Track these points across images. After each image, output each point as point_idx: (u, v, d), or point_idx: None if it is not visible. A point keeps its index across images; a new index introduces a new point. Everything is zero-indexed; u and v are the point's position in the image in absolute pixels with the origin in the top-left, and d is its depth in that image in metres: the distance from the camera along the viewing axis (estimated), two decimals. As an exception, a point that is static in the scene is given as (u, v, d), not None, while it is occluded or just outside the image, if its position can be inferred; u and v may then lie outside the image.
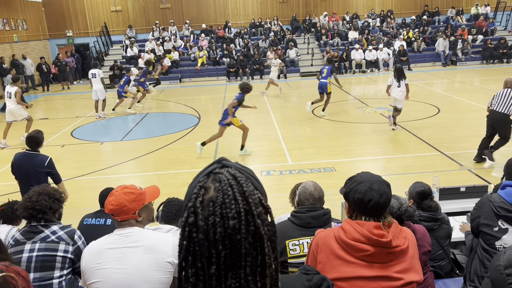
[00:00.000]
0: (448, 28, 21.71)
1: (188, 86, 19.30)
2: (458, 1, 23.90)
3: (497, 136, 7.15)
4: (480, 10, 23.01)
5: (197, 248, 0.89)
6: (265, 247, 0.89)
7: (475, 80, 16.59)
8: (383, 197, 1.83)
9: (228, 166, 0.98)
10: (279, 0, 23.75)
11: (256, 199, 0.92)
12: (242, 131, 8.55)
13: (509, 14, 23.15)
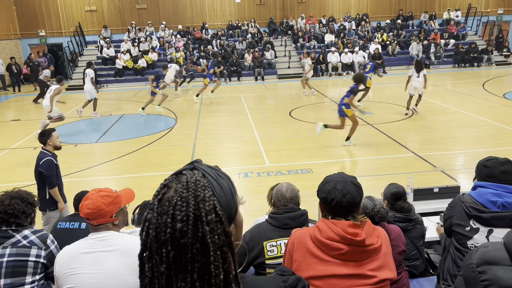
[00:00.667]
0: (421, 32, 22.24)
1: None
2: (431, 6, 24.51)
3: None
4: (452, 15, 23.67)
5: (152, 244, 0.90)
6: (210, 255, 0.87)
7: (447, 83, 17.03)
8: (346, 197, 1.86)
9: (197, 169, 0.97)
10: (256, 2, 23.83)
11: (210, 205, 0.90)
12: (351, 123, 8.78)
13: (479, 20, 23.89)
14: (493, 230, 2.42)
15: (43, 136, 4.99)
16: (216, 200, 0.93)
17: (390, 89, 15.81)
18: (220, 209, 0.92)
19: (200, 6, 23.72)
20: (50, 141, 4.98)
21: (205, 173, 0.97)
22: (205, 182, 0.94)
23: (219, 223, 0.90)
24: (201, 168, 0.98)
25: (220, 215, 0.91)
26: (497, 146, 8.34)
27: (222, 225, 0.91)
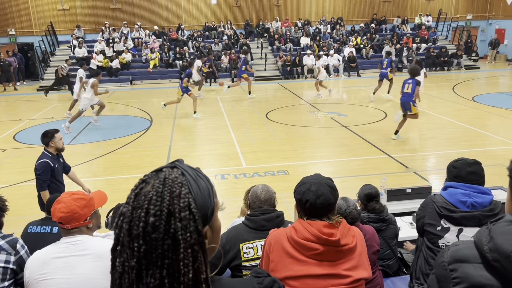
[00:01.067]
0: (394, 36, 22.72)
1: (140, 89, 18.88)
2: (403, 11, 25.08)
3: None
4: (423, 20, 24.29)
5: (124, 238, 0.90)
6: (180, 252, 0.88)
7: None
8: (320, 198, 1.88)
9: (177, 167, 0.98)
10: (233, 4, 23.84)
11: (184, 202, 0.91)
12: (411, 118, 9.19)
13: (449, 25, 24.61)
14: (463, 229, 2.49)
15: (45, 137, 4.84)
16: (192, 198, 0.93)
17: (364, 92, 16.08)
18: (195, 207, 0.93)
19: (176, 7, 23.54)
20: (52, 143, 4.84)
21: (185, 172, 0.98)
22: (183, 180, 0.95)
23: (192, 221, 0.91)
24: (181, 167, 0.99)
25: (194, 213, 0.92)
26: (467, 147, 8.60)
27: (195, 223, 0.91)
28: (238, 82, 16.09)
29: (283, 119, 11.78)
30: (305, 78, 20.40)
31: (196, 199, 0.94)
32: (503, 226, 1.17)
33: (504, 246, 1.12)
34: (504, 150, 8.41)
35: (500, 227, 1.17)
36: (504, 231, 1.15)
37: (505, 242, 1.12)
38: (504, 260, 1.11)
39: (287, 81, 20.05)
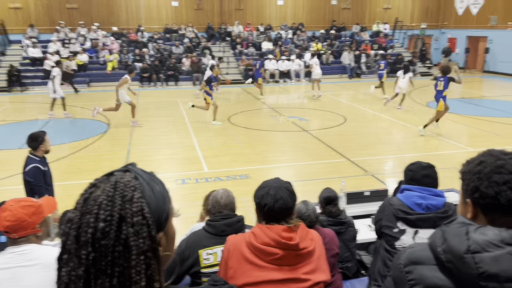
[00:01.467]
0: (353, 43, 23.33)
1: (97, 91, 18.33)
2: (362, 19, 25.81)
3: None
4: (381, 27, 25.11)
5: (72, 245, 0.85)
6: (132, 259, 0.84)
7: (376, 91, 17.96)
8: (278, 202, 1.89)
9: (130, 171, 0.94)
10: (194, 7, 23.66)
11: (137, 207, 0.87)
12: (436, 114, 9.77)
13: (405, 33, 25.55)
14: (419, 231, 2.56)
15: (35, 140, 4.54)
16: (145, 203, 0.89)
17: (324, 97, 16.37)
18: (148, 212, 0.88)
19: (135, 8, 23.07)
20: (42, 146, 4.57)
21: (138, 176, 0.93)
22: (136, 183, 0.91)
23: (145, 226, 0.86)
24: (134, 170, 0.95)
25: (148, 218, 0.87)
26: (422, 151, 8.92)
27: (149, 228, 0.87)
28: (258, 84, 16.43)
29: (245, 123, 11.78)
30: (267, 82, 20.52)
31: (150, 204, 0.90)
32: (455, 228, 1.20)
33: (457, 247, 1.14)
34: (456, 153, 8.78)
35: (453, 229, 1.20)
36: (457, 233, 1.18)
37: (458, 243, 1.15)
38: (457, 261, 1.13)
39: (249, 85, 20.09)
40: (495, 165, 1.21)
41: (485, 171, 1.21)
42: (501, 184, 1.18)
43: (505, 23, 22.01)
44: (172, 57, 20.40)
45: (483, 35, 23.44)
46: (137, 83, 19.42)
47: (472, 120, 11.91)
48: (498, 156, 1.23)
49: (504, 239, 1.12)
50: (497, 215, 1.20)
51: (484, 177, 1.21)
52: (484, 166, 1.22)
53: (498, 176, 1.19)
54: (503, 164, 1.20)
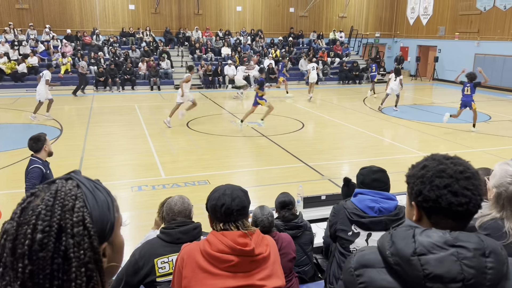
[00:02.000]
0: (310, 50, 23.80)
1: (50, 95, 17.59)
2: (319, 26, 26.40)
3: None
4: (337, 35, 25.80)
5: (7, 258, 0.80)
6: (72, 272, 0.80)
7: (333, 98, 18.42)
8: (235, 200, 1.92)
9: (72, 179, 0.90)
10: (152, 10, 23.30)
11: (78, 217, 0.83)
12: None
13: (360, 41, 26.38)
14: (372, 234, 2.63)
15: (38, 142, 4.44)
16: (87, 212, 0.85)
17: (283, 103, 16.57)
18: (90, 222, 0.85)
19: (90, 11, 22.40)
20: (46, 147, 4.48)
21: (80, 184, 0.89)
22: (78, 192, 0.87)
23: (86, 237, 0.83)
24: (77, 178, 0.91)
25: (89, 228, 0.84)
26: (376, 156, 9.19)
27: (90, 239, 0.84)
28: (281, 83, 17.32)
29: (204, 128, 11.69)
30: (226, 87, 20.52)
31: (92, 213, 0.86)
32: (403, 231, 1.23)
33: (404, 250, 1.17)
34: (409, 158, 9.12)
35: (401, 232, 1.23)
36: (404, 236, 1.21)
37: (405, 246, 1.18)
38: (405, 264, 1.16)
39: (209, 90, 20.02)
40: (437, 169, 1.24)
41: (428, 175, 1.24)
42: (442, 188, 1.21)
43: (452, 34, 23.24)
44: (129, 61, 19.96)
45: (433, 45, 24.63)
46: (91, 87, 18.84)
47: (423, 125, 12.43)
48: (440, 161, 1.26)
49: (448, 241, 1.16)
50: (439, 217, 1.24)
51: (426, 181, 1.24)
52: (427, 171, 1.26)
53: (439, 180, 1.22)
54: (444, 169, 1.23)
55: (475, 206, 1.22)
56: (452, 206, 1.21)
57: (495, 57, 20.18)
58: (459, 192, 1.20)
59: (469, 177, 1.22)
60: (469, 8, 22.13)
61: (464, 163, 1.26)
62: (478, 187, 1.22)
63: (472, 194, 1.21)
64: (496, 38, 20.59)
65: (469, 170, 1.24)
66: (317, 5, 25.68)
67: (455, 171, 1.23)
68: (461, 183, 1.21)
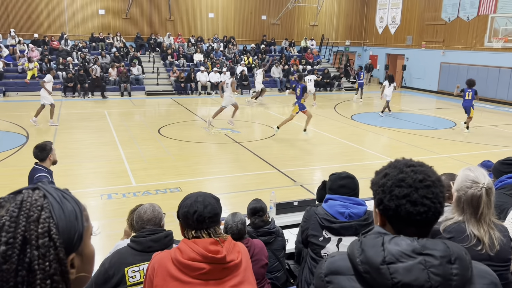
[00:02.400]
0: (282, 57, 24.04)
1: (15, 101, 17.06)
2: (291, 34, 26.73)
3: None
4: (308, 43, 26.18)
5: None
6: (37, 284, 0.79)
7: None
8: (207, 207, 1.92)
9: (39, 189, 0.88)
10: (122, 16, 22.99)
11: (44, 228, 0.82)
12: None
13: (331, 49, 26.85)
14: (342, 239, 2.67)
15: (44, 150, 4.40)
16: (53, 223, 0.84)
17: (255, 109, 16.64)
18: (56, 233, 0.83)
19: (58, 15, 21.89)
20: (51, 156, 4.46)
21: (48, 194, 0.88)
22: (44, 202, 0.85)
23: (52, 248, 0.82)
24: (44, 188, 0.89)
25: (55, 240, 0.82)
26: (347, 162, 9.35)
27: (56, 251, 0.82)
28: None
29: (176, 134, 11.59)
30: (199, 94, 20.43)
31: (59, 224, 0.85)
32: (372, 239, 1.24)
33: (373, 258, 1.18)
34: (378, 163, 9.26)
35: (370, 240, 1.24)
36: (374, 244, 1.21)
37: (375, 254, 1.19)
38: (374, 272, 1.18)
39: (181, 96, 19.88)
40: (397, 178, 1.24)
41: (388, 184, 1.25)
42: (401, 197, 1.21)
43: (419, 43, 23.99)
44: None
45: (401, 53, 25.34)
46: (59, 93, 18.38)
47: (392, 132, 12.74)
48: (400, 169, 1.26)
49: (416, 249, 1.18)
50: (401, 225, 1.25)
51: (386, 190, 1.25)
52: (387, 179, 1.26)
53: (399, 190, 1.22)
54: (403, 178, 1.23)
55: (434, 214, 1.22)
56: (411, 216, 1.21)
57: (459, 66, 20.96)
58: (418, 201, 1.20)
59: (429, 185, 1.22)
60: (434, 18, 22.94)
61: (425, 170, 1.25)
62: (438, 195, 1.22)
63: (431, 203, 1.21)
64: (460, 47, 21.40)
65: (429, 179, 1.23)
66: (289, 13, 26.01)
67: (414, 180, 1.22)
68: (420, 192, 1.21)
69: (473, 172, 2.14)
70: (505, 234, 2.13)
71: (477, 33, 20.31)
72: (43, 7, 21.53)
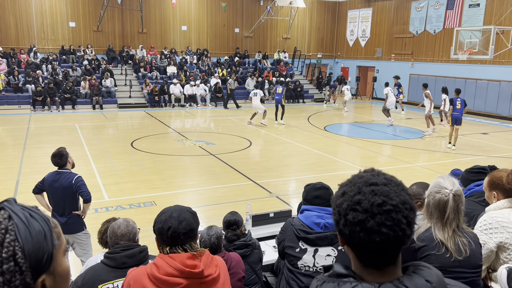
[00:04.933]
0: (256, 69, 24.23)
1: (-19, 115, 16.49)
2: (264, 47, 27.00)
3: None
4: (281, 56, 26.50)
5: None
6: None
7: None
8: (182, 223, 1.88)
9: (4, 209, 0.85)
10: (94, 28, 22.69)
11: (8, 252, 0.80)
12: None
13: (303, 61, 27.26)
14: (318, 250, 2.68)
15: (62, 156, 4.60)
16: (19, 246, 0.81)
17: (230, 121, 16.65)
18: (22, 257, 0.80)
19: (27, 27, 21.40)
20: (69, 159, 4.69)
21: (13, 214, 0.84)
22: (9, 224, 0.82)
23: (18, 273, 0.79)
24: (9, 208, 0.86)
25: (20, 264, 0.80)
26: (321, 172, 9.44)
27: (22, 275, 0.79)
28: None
29: (150, 148, 11.44)
30: (173, 106, 20.29)
31: (25, 246, 0.81)
32: (329, 285, 1.09)
33: None
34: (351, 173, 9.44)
35: (327, 286, 1.10)
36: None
37: None
38: None
39: (154, 109, 19.69)
40: (353, 200, 1.07)
41: (343, 207, 1.08)
42: (354, 224, 1.05)
43: (389, 55, 24.67)
44: (70, 80, 19.23)
45: (371, 65, 25.98)
46: (28, 106, 17.91)
47: (364, 142, 12.98)
48: (359, 188, 1.08)
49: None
50: (361, 253, 1.08)
51: (342, 212, 1.08)
52: (343, 200, 1.09)
53: (353, 214, 1.05)
54: (360, 200, 1.06)
55: (395, 242, 1.04)
56: (366, 244, 1.04)
57: (427, 77, 21.62)
58: (374, 229, 1.02)
59: (389, 210, 1.03)
60: (403, 31, 23.67)
61: (387, 191, 1.06)
62: (399, 222, 1.03)
63: (389, 230, 1.02)
64: (428, 60, 22.12)
65: (390, 202, 1.04)
66: (262, 26, 26.30)
67: (372, 204, 1.04)
68: (377, 219, 1.03)
69: (443, 179, 2.22)
70: (475, 241, 2.20)
71: (443, 46, 21.07)
72: (11, 19, 21.01)
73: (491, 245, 2.44)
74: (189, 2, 24.46)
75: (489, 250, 2.44)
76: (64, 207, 4.63)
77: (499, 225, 2.44)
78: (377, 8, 25.41)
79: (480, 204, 2.95)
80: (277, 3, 24.07)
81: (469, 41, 17.55)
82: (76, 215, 4.70)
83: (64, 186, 4.55)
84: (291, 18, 25.97)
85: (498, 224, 2.44)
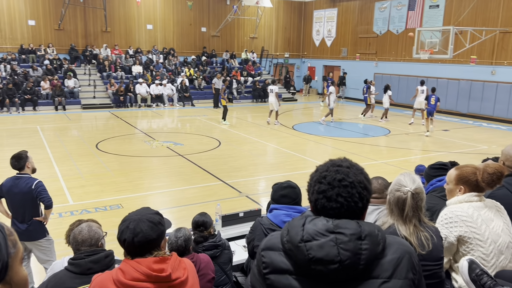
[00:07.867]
0: (224, 69, 24.14)
1: None
2: (231, 46, 26.94)
3: None
4: (249, 56, 26.52)
5: None
6: None
7: (248, 116, 18.80)
8: (138, 236, 1.78)
9: None
10: (55, 27, 21.95)
11: None
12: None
13: (271, 61, 27.39)
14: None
15: (20, 159, 4.44)
16: None
17: (199, 121, 16.53)
18: None
19: (-17, 25, 20.47)
20: (28, 164, 4.48)
21: None
22: None
23: None
24: None
25: None
26: (290, 171, 9.52)
27: None
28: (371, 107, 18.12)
29: (115, 149, 11.19)
30: (139, 106, 19.93)
31: None
32: (297, 220, 1.40)
33: (294, 238, 1.35)
34: (319, 171, 9.57)
35: (295, 221, 1.40)
36: (296, 224, 1.38)
37: (295, 234, 1.35)
38: (295, 249, 1.34)
39: (119, 109, 19.28)
40: (321, 175, 1.40)
41: (314, 180, 1.42)
42: (319, 192, 1.38)
43: (354, 55, 25.16)
44: (30, 80, 18.53)
45: (337, 65, 26.40)
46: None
47: (332, 140, 13.18)
48: (327, 168, 1.41)
49: (329, 228, 1.33)
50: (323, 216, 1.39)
51: (312, 184, 1.42)
52: (315, 175, 1.43)
53: (319, 186, 1.38)
54: (325, 176, 1.39)
55: (348, 211, 1.36)
56: (325, 209, 1.37)
57: (391, 76, 22.20)
58: (332, 198, 1.35)
59: (346, 185, 1.36)
60: (367, 31, 24.19)
61: (347, 172, 1.38)
62: (353, 195, 1.35)
63: (344, 200, 1.35)
64: (391, 59, 22.71)
65: (348, 179, 1.37)
66: (229, 26, 26.22)
67: (334, 179, 1.37)
68: (336, 190, 1.35)
69: (404, 177, 2.28)
70: (436, 234, 2.27)
71: (406, 46, 21.67)
72: (-35, 16, 20.05)
73: (451, 239, 2.52)
74: (154, 1, 24.08)
75: (450, 243, 2.53)
76: (24, 213, 4.44)
77: (458, 219, 2.52)
78: (342, 8, 25.85)
79: (442, 199, 3.04)
80: (243, 3, 24.06)
81: (430, 41, 18.14)
82: (37, 222, 4.51)
83: (24, 192, 4.36)
84: (258, 18, 26.03)
85: (458, 218, 2.52)
